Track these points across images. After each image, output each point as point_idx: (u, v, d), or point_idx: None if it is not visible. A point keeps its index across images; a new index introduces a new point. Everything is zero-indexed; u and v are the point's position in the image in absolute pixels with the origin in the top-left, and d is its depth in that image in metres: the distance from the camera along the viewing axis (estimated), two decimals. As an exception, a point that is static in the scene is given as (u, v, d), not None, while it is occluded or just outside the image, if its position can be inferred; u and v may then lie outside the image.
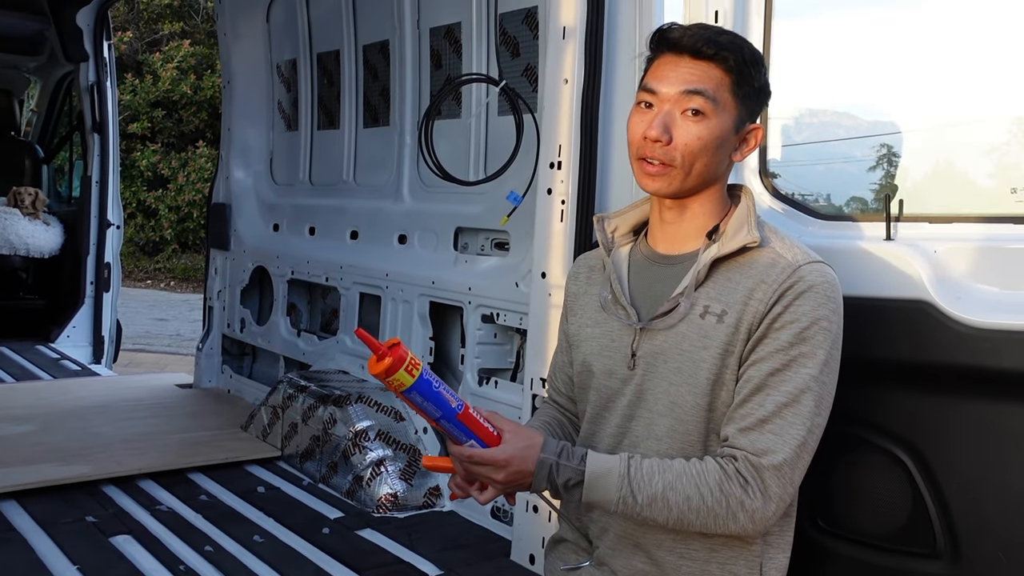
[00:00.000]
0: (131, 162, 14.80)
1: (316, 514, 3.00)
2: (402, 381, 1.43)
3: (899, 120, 2.34)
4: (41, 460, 3.28)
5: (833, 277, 1.56)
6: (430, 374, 1.47)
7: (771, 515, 1.50)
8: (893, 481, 1.81)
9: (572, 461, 1.52)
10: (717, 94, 1.54)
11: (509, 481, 1.51)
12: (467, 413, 1.50)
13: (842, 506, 1.89)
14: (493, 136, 3.40)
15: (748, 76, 1.57)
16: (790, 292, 1.51)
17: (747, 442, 1.49)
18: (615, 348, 1.66)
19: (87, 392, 4.58)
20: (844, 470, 1.87)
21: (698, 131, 1.54)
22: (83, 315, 5.96)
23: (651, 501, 1.49)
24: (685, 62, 1.55)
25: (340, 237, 4.07)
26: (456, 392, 1.55)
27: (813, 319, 1.50)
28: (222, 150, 4.78)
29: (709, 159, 1.56)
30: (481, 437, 1.51)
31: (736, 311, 1.54)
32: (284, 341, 4.30)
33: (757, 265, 1.55)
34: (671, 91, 1.55)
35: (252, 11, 4.58)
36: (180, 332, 10.48)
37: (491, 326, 3.19)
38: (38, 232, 5.97)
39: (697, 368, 1.55)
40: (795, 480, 1.51)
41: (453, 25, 3.53)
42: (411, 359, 1.44)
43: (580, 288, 1.80)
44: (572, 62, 2.43)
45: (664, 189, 1.59)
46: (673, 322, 1.59)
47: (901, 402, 1.82)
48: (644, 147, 1.57)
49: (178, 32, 16.26)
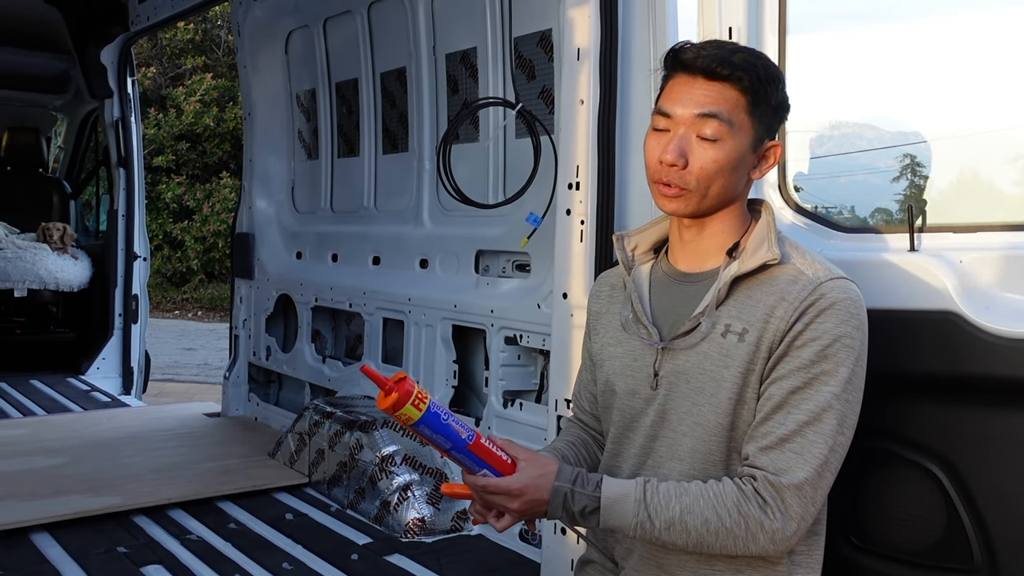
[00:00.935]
0: (157, 194, 15.01)
1: (344, 540, 3.00)
2: (409, 415, 1.44)
3: (921, 130, 2.32)
4: (72, 491, 3.32)
5: (856, 293, 1.53)
6: (438, 407, 1.48)
7: (792, 535, 1.48)
8: (926, 495, 1.78)
9: (587, 488, 1.51)
10: (732, 115, 1.53)
11: (524, 509, 1.51)
12: (478, 443, 1.50)
13: (875, 522, 1.86)
14: (511, 159, 3.42)
15: (764, 95, 1.55)
16: (812, 309, 1.49)
17: (767, 461, 1.48)
18: (637, 368, 1.65)
19: (117, 423, 4.62)
20: (876, 485, 1.84)
21: (714, 155, 1.53)
22: (112, 347, 6.03)
23: (669, 525, 1.48)
24: (699, 83, 1.54)
25: (362, 263, 4.10)
26: (480, 415, 1.55)
27: (835, 336, 1.48)
28: (245, 180, 4.84)
29: (725, 181, 1.55)
30: (494, 466, 1.51)
31: (757, 329, 1.52)
32: (309, 368, 4.32)
33: (778, 282, 1.54)
34: (685, 114, 1.54)
35: (271, 43, 4.64)
36: (208, 361, 10.56)
37: (514, 348, 3.19)
38: (67, 266, 6.06)
39: (719, 387, 1.54)
40: (817, 500, 1.48)
41: (469, 50, 3.56)
42: (418, 393, 1.45)
43: (602, 307, 1.79)
44: (587, 83, 2.43)
45: (681, 210, 1.59)
46: (694, 341, 1.57)
47: (932, 415, 1.79)
48: (660, 171, 1.56)
49: (200, 66, 16.53)
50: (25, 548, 2.84)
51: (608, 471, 1.69)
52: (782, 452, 1.47)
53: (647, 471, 1.61)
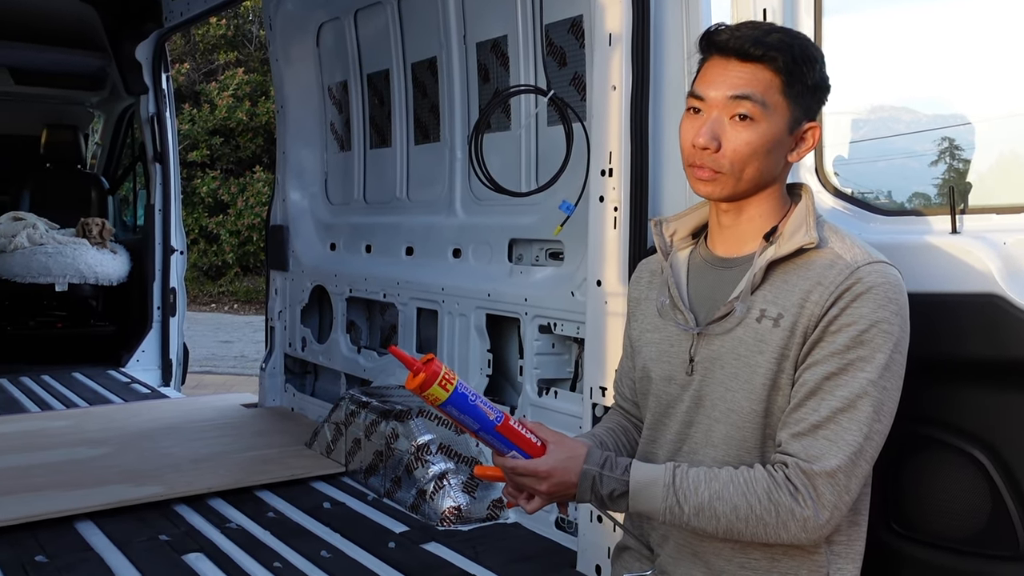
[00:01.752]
0: (192, 189, 15.19)
1: (381, 528, 3.02)
2: (437, 396, 1.46)
3: (960, 111, 2.28)
4: (115, 481, 3.38)
5: (896, 277, 1.50)
6: (465, 388, 1.49)
7: (824, 523, 1.45)
8: (970, 481, 1.75)
9: (616, 472, 1.50)
10: (766, 96, 1.50)
11: (553, 491, 1.51)
12: (507, 425, 1.51)
13: (917, 508, 1.83)
14: (543, 146, 3.41)
15: (800, 75, 1.52)
16: (848, 294, 1.46)
17: (799, 448, 1.45)
18: (673, 354, 1.64)
19: (157, 414, 4.70)
20: (918, 471, 1.81)
21: (747, 137, 1.51)
22: (151, 340, 6.12)
23: (698, 511, 1.47)
24: (733, 65, 1.52)
25: (396, 254, 4.11)
26: (515, 403, 1.56)
27: (872, 321, 1.45)
28: (278, 173, 4.87)
29: (760, 164, 1.53)
30: (523, 447, 1.52)
31: (792, 314, 1.50)
32: (345, 358, 4.35)
33: (815, 267, 1.51)
34: (718, 96, 1.52)
35: (302, 37, 4.67)
36: (244, 353, 10.69)
37: (549, 336, 3.19)
38: (106, 261, 6.15)
39: (753, 373, 1.52)
40: (851, 488, 1.46)
41: (499, 38, 3.55)
42: (445, 373, 1.46)
43: (641, 293, 1.78)
44: (619, 68, 2.42)
45: (715, 194, 1.57)
46: (730, 326, 1.56)
47: (975, 400, 1.76)
48: (694, 155, 1.55)
49: (233, 61, 16.68)
50: (70, 536, 2.89)
51: (644, 458, 1.68)
52: (814, 439, 1.44)
53: (682, 457, 1.60)
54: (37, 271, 5.94)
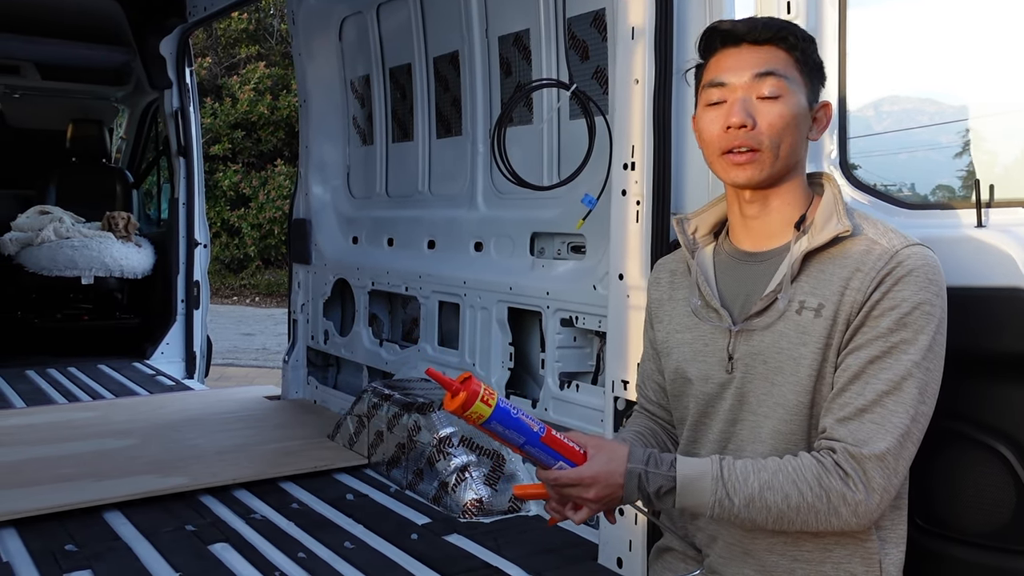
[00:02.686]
0: (214, 183, 15.31)
1: (404, 520, 3.04)
2: (480, 413, 1.43)
3: (985, 103, 2.26)
4: (141, 472, 3.42)
5: (934, 259, 1.50)
6: (506, 402, 1.47)
7: (875, 507, 1.44)
8: (995, 477, 1.74)
9: (662, 468, 1.48)
10: (787, 72, 1.53)
11: (601, 497, 1.48)
12: (550, 435, 1.48)
13: (943, 504, 1.83)
14: (565, 140, 3.41)
15: (809, 53, 1.57)
16: (889, 278, 1.46)
17: (846, 432, 1.44)
18: (710, 352, 1.63)
19: (181, 406, 4.74)
20: (943, 466, 1.80)
21: (779, 110, 1.52)
22: (175, 332, 6.19)
23: (748, 502, 1.45)
24: (746, 49, 1.54)
25: (418, 247, 4.13)
26: (536, 396, 1.54)
27: (915, 304, 1.45)
28: (300, 167, 4.90)
29: (793, 138, 1.54)
30: (568, 457, 1.48)
31: (833, 303, 1.49)
32: (367, 351, 4.38)
33: (851, 254, 1.51)
34: (741, 79, 1.53)
35: (325, 31, 4.69)
36: (266, 346, 10.78)
37: (570, 330, 3.19)
38: (131, 254, 6.22)
39: (798, 366, 1.51)
40: (900, 471, 1.45)
41: (521, 32, 3.55)
42: (485, 390, 1.44)
43: (664, 294, 1.76)
44: (642, 62, 2.41)
45: (756, 176, 1.55)
46: (770, 320, 1.55)
47: (1000, 395, 1.74)
48: (727, 139, 1.54)
49: (254, 55, 16.77)
50: (99, 526, 2.94)
51: None
52: (861, 423, 1.43)
53: (727, 455, 1.57)
54: (64, 264, 6.01)
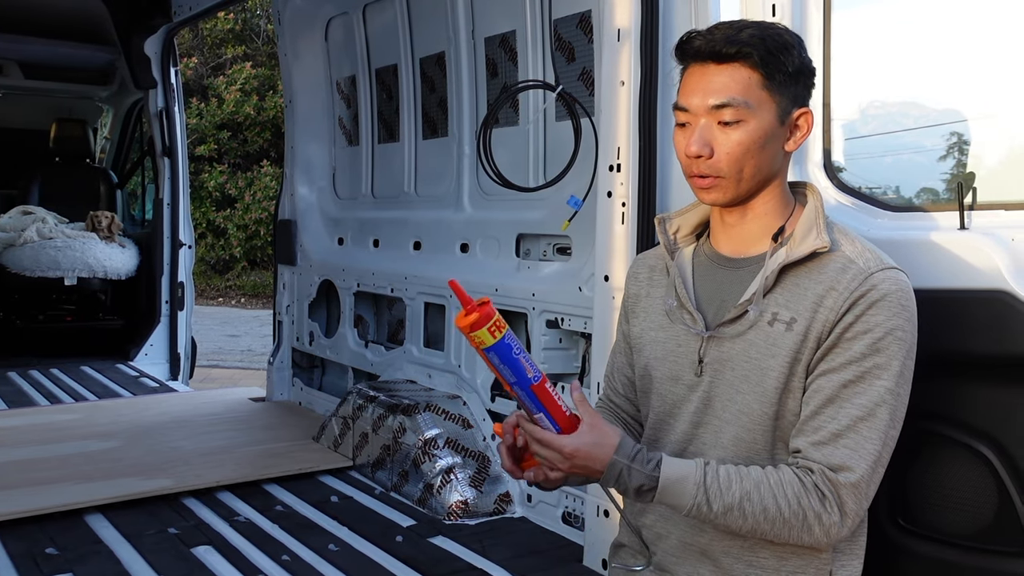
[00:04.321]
0: (200, 183, 15.22)
1: (389, 522, 3.03)
2: (483, 339, 1.44)
3: (969, 106, 2.27)
4: (124, 474, 3.40)
5: (907, 284, 1.51)
6: (513, 339, 1.46)
7: (846, 531, 1.47)
8: (977, 478, 1.76)
9: (646, 468, 1.48)
10: (748, 96, 1.50)
11: (573, 472, 1.49)
12: (542, 387, 1.47)
13: (924, 505, 1.84)
14: (551, 142, 3.41)
15: (778, 65, 1.51)
16: (863, 301, 1.46)
17: (822, 456, 1.46)
18: (681, 354, 1.63)
19: (165, 408, 4.72)
20: (925, 467, 1.81)
21: (737, 138, 1.51)
22: (159, 333, 6.15)
23: (727, 510, 1.46)
24: (710, 70, 1.52)
25: (403, 248, 4.12)
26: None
27: (888, 329, 1.46)
28: (286, 168, 4.89)
29: (757, 160, 1.52)
30: (553, 414, 1.49)
31: (805, 319, 1.50)
32: (352, 352, 4.37)
33: (827, 271, 1.51)
34: (701, 105, 1.52)
35: (311, 31, 4.67)
36: (251, 347, 10.72)
37: (556, 331, 3.19)
38: (115, 255, 6.18)
39: (764, 376, 1.52)
40: (870, 495, 1.47)
41: (508, 33, 3.55)
42: (496, 320, 1.44)
43: (641, 290, 1.76)
44: (628, 64, 2.42)
45: (720, 200, 1.56)
46: (741, 329, 1.55)
47: (982, 396, 1.76)
48: (690, 164, 1.55)
49: (240, 55, 16.70)
50: (80, 529, 2.92)
51: None
52: (836, 447, 1.45)
53: (688, 457, 1.59)
54: (46, 265, 5.97)
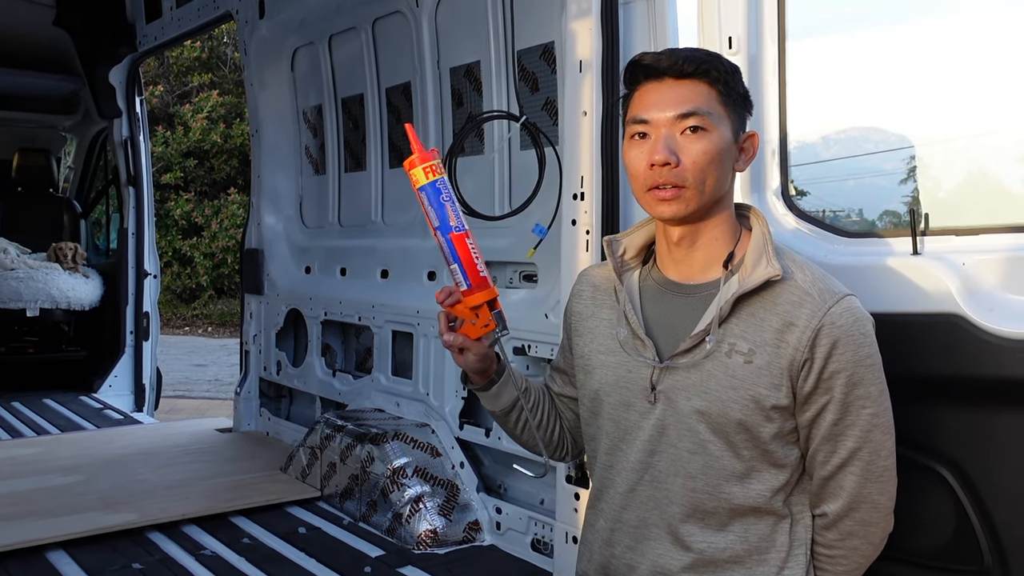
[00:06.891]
0: (165, 212, 15.11)
1: (358, 553, 3.01)
2: (416, 178, 1.60)
3: (922, 132, 2.33)
4: (88, 509, 3.34)
5: (861, 309, 1.53)
6: (446, 186, 1.60)
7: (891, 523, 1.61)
8: (935, 498, 1.79)
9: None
10: (710, 107, 1.53)
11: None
12: (462, 239, 1.62)
13: (884, 525, 1.87)
14: (516, 170, 3.44)
15: (732, 85, 1.55)
16: (826, 340, 1.48)
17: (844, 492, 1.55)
18: (632, 380, 1.61)
19: (130, 440, 4.65)
20: (884, 489, 1.84)
21: (703, 146, 1.52)
22: (124, 364, 6.08)
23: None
24: (668, 85, 1.53)
25: (371, 277, 4.12)
26: (491, 425, 1.58)
27: (858, 361, 1.50)
28: (253, 196, 4.87)
29: (719, 172, 1.54)
30: (466, 268, 1.62)
31: (766, 353, 1.50)
32: (320, 382, 4.34)
33: (781, 302, 1.52)
34: (664, 116, 1.53)
35: (277, 61, 4.69)
36: (219, 377, 10.61)
37: (523, 358, 3.20)
38: (78, 285, 6.11)
39: (726, 408, 1.51)
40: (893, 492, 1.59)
41: (472, 64, 3.59)
42: (433, 164, 1.59)
43: (586, 309, 1.74)
44: (590, 94, 2.46)
45: (681, 212, 1.54)
46: (697, 359, 1.54)
47: (938, 417, 1.80)
48: (652, 176, 1.53)
49: (207, 83, 16.65)
50: (41, 566, 2.86)
51: (602, 484, 1.67)
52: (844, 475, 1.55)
53: (644, 486, 1.59)
54: (8, 296, 5.88)
